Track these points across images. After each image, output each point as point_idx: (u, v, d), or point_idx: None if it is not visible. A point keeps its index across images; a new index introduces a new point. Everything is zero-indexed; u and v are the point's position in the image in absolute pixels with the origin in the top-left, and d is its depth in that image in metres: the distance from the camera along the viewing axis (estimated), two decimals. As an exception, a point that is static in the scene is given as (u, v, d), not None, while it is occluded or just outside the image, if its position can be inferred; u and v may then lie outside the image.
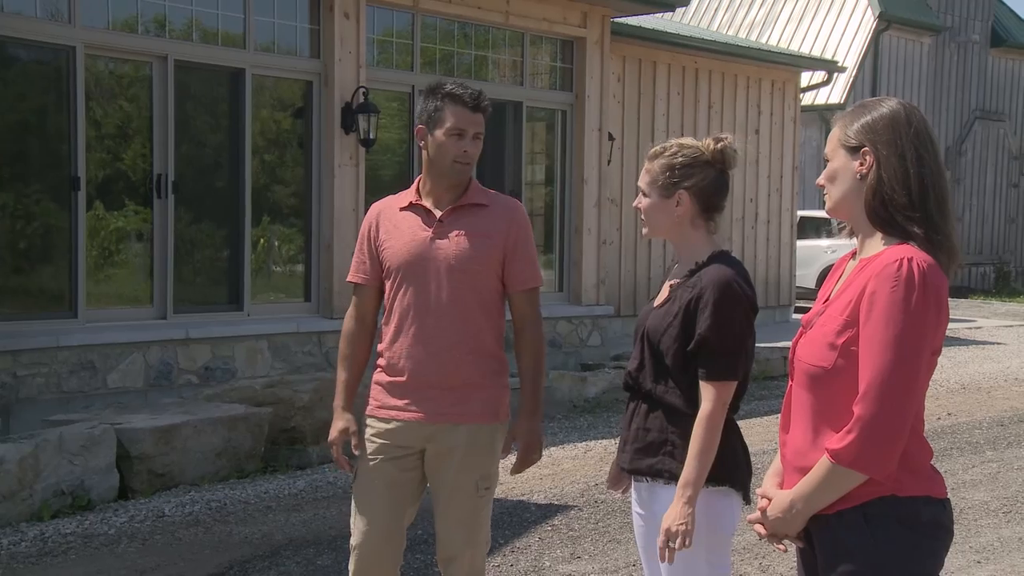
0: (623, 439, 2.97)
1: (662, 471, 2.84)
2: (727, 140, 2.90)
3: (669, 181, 2.88)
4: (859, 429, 2.22)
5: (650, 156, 2.93)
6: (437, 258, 3.36)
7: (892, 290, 2.21)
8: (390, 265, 3.41)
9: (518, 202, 3.58)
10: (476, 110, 3.36)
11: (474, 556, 3.44)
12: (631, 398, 2.96)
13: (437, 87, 3.41)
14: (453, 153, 3.35)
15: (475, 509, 3.41)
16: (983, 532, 5.72)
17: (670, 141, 2.95)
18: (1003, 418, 9.01)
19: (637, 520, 2.99)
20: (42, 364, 7.19)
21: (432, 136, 3.37)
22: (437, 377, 3.36)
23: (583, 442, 7.90)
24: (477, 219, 3.40)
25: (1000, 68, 23.65)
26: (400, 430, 3.40)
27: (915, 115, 2.34)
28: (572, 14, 10.37)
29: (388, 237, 3.42)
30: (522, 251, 3.43)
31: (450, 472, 3.38)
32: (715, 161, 2.89)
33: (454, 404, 3.36)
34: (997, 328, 15.87)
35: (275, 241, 8.99)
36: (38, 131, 7.66)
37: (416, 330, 3.36)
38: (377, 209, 3.53)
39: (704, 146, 2.89)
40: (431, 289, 3.35)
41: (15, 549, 5.28)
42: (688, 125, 12.75)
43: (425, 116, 3.40)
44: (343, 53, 8.72)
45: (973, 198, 23.13)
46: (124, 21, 7.87)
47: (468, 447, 3.37)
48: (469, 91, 3.38)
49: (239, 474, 6.68)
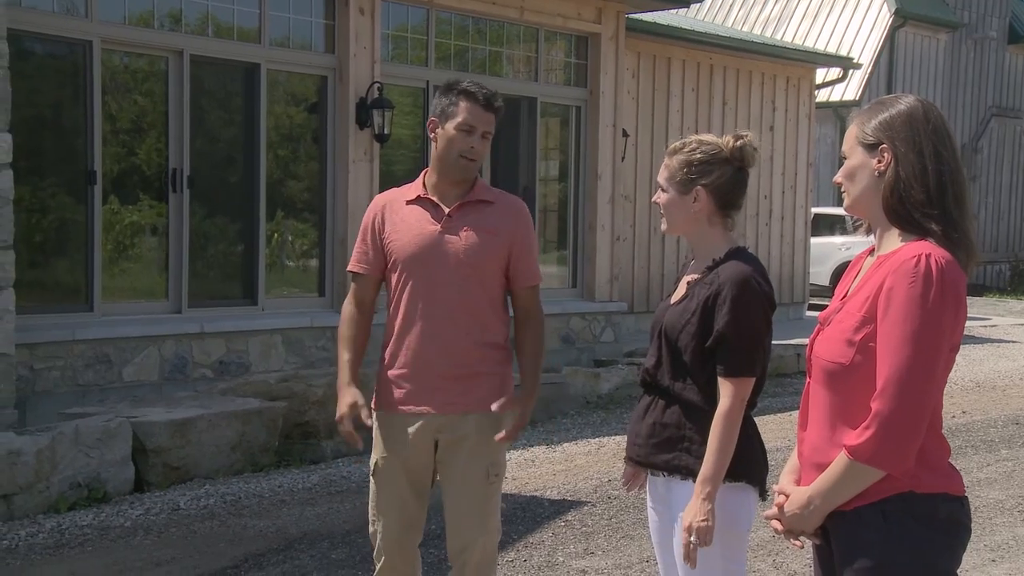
0: (633, 433, 2.97)
1: (679, 467, 2.84)
2: (747, 138, 2.89)
3: (687, 177, 2.88)
4: (877, 425, 2.21)
5: (669, 152, 2.94)
6: (446, 252, 3.39)
7: (910, 286, 2.21)
8: (397, 257, 3.44)
9: (522, 201, 3.62)
10: (488, 109, 3.41)
11: (487, 544, 3.47)
12: (647, 393, 2.96)
13: (454, 84, 3.46)
14: (460, 148, 3.39)
15: (487, 496, 3.45)
16: (998, 530, 5.70)
17: (690, 137, 2.95)
18: (1018, 416, 8.97)
19: (652, 515, 2.99)
20: (58, 357, 7.23)
21: (443, 129, 3.42)
22: (446, 368, 3.39)
23: (596, 438, 7.91)
24: (485, 215, 3.44)
25: (1017, 65, 23.52)
26: (411, 422, 3.43)
27: (933, 112, 2.34)
28: (587, 10, 10.36)
29: (395, 230, 3.45)
30: (527, 248, 3.50)
31: (461, 461, 3.43)
32: (733, 159, 2.88)
33: (462, 394, 3.40)
34: (1012, 326, 15.79)
35: (289, 236, 9.01)
36: (54, 125, 7.70)
37: (424, 323, 3.39)
38: (382, 201, 3.55)
39: (724, 143, 2.89)
40: (440, 282, 3.38)
41: (33, 541, 5.31)
42: (703, 122, 12.73)
43: (439, 110, 3.45)
44: (358, 48, 8.73)
45: (989, 195, 23.02)
46: (140, 16, 7.90)
47: (478, 435, 3.42)
48: (484, 90, 3.43)
49: (253, 468, 6.71)
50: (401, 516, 3.47)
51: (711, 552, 2.76)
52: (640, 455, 2.94)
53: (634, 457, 2.98)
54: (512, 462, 7.11)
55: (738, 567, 2.87)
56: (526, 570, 4.99)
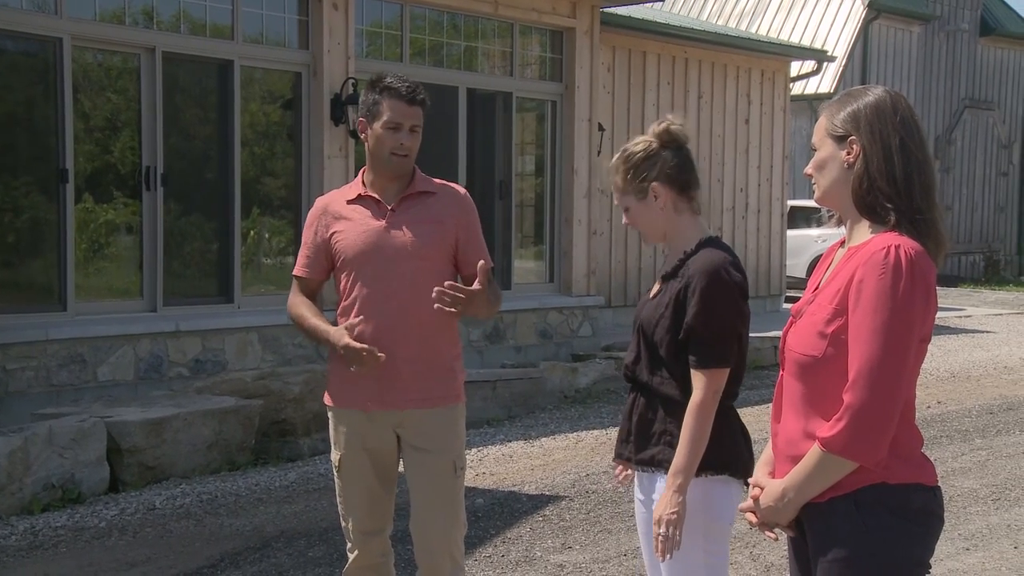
0: (623, 430, 2.97)
1: (663, 461, 2.85)
2: (668, 120, 2.92)
3: (637, 182, 2.89)
4: (849, 417, 2.22)
5: (609, 172, 2.96)
6: (394, 246, 3.40)
7: (880, 278, 2.22)
8: (345, 257, 3.43)
9: (464, 189, 3.64)
10: (412, 103, 3.41)
11: (457, 540, 3.49)
12: (631, 389, 2.97)
13: (376, 81, 3.46)
14: (390, 146, 3.40)
15: (454, 490, 3.47)
16: (972, 519, 5.75)
17: (616, 152, 2.97)
18: (992, 406, 9.05)
19: (639, 508, 2.99)
20: (31, 357, 7.16)
21: (371, 129, 3.42)
22: (402, 364, 3.38)
23: (574, 432, 7.91)
24: (427, 207, 3.46)
25: (989, 57, 23.69)
26: (371, 418, 3.43)
27: (901, 103, 2.35)
28: (561, 4, 10.35)
29: (341, 229, 3.45)
30: (474, 235, 3.52)
31: (426, 459, 3.44)
32: (666, 143, 2.90)
33: (420, 390, 3.41)
34: (987, 316, 15.92)
35: (265, 233, 8.96)
36: (25, 123, 7.63)
37: (377, 320, 3.37)
38: (323, 203, 3.55)
39: (650, 135, 2.93)
40: (390, 278, 3.38)
41: (5, 543, 5.26)
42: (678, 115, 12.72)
43: (364, 109, 3.45)
44: (332, 44, 8.69)
45: (963, 187, 23.18)
46: (111, 12, 7.83)
47: (440, 430, 3.44)
48: (406, 84, 3.43)
49: (230, 466, 6.67)
50: (371, 509, 3.49)
51: (692, 544, 2.77)
52: (627, 452, 2.95)
53: (622, 454, 2.98)
54: (490, 457, 7.11)
55: (720, 560, 2.87)
56: (503, 565, 4.99)
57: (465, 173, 9.73)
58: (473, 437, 7.54)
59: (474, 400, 7.81)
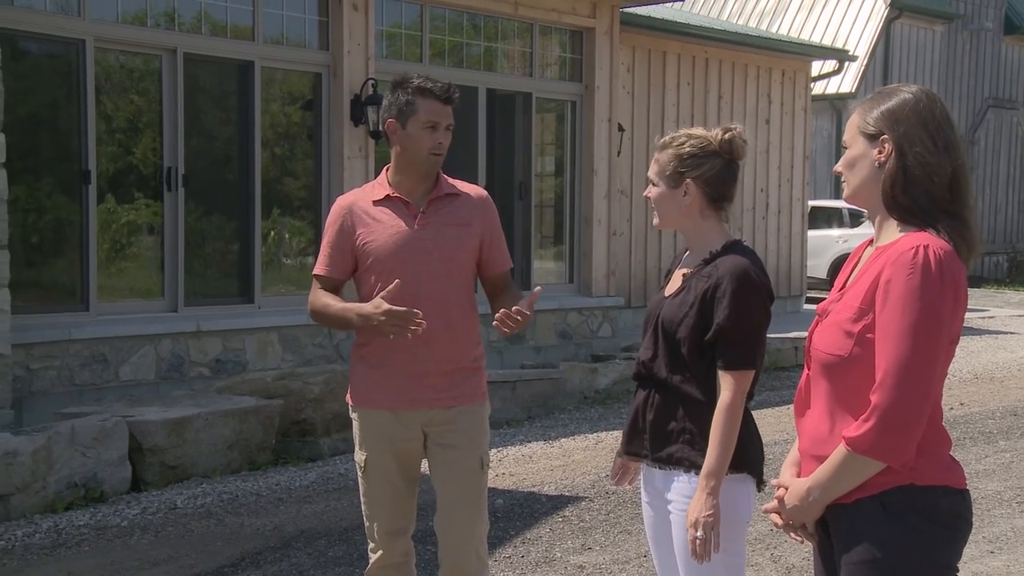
0: (631, 428, 2.95)
1: (681, 459, 2.84)
2: (736, 130, 2.89)
3: (676, 171, 2.88)
4: (876, 417, 2.20)
5: (659, 146, 2.94)
6: (425, 249, 3.41)
7: (908, 277, 2.19)
8: (375, 258, 3.42)
9: (485, 190, 3.66)
10: (447, 102, 3.44)
11: (482, 537, 3.51)
12: (642, 387, 2.95)
13: (405, 81, 3.45)
14: (429, 146, 3.41)
15: (480, 486, 3.49)
16: (996, 522, 5.69)
17: (679, 131, 2.94)
18: (1016, 408, 8.97)
19: (648, 510, 2.98)
20: (54, 357, 7.20)
21: (405, 129, 3.42)
22: (434, 364, 3.41)
23: (594, 433, 7.89)
24: (454, 209, 3.48)
25: (1013, 56, 23.51)
26: (399, 418, 3.44)
27: (935, 102, 2.32)
28: (581, 4, 10.33)
29: (370, 230, 3.44)
30: (497, 237, 3.56)
31: (454, 455, 3.45)
32: (723, 151, 2.88)
33: (448, 388, 3.43)
34: (1010, 318, 15.80)
35: (285, 233, 8.99)
36: (49, 125, 7.67)
37: None
38: (347, 203, 3.52)
39: (712, 136, 2.89)
40: (420, 279, 3.39)
41: (29, 541, 5.29)
42: (698, 115, 12.70)
43: (395, 110, 3.44)
44: (352, 45, 8.71)
45: (986, 187, 23.01)
46: (134, 14, 7.87)
47: (467, 427, 3.46)
48: (439, 84, 3.44)
49: (250, 466, 6.69)
50: (395, 509, 3.50)
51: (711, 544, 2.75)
52: (641, 448, 2.93)
53: (634, 451, 2.96)
54: (510, 458, 7.10)
55: (738, 559, 2.86)
56: (523, 566, 4.98)
57: (485, 173, 9.72)
58: (493, 438, 7.52)
59: (494, 401, 7.74)
